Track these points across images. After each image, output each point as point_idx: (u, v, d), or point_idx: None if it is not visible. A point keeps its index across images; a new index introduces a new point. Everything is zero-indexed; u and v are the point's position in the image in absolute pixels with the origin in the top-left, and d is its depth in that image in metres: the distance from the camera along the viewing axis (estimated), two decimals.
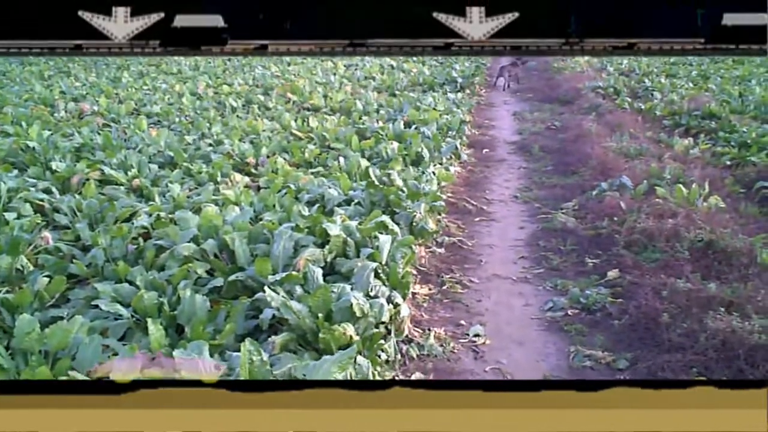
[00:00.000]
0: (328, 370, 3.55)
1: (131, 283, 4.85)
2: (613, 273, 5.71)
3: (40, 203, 6.65)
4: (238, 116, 12.07)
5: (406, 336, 4.72)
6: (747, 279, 5.27)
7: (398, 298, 4.76)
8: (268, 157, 8.82)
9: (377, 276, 4.90)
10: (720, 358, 4.26)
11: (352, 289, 4.49)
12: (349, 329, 4.07)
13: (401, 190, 6.95)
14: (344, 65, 20.05)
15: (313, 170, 8.30)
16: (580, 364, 4.45)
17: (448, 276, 5.88)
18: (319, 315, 4.15)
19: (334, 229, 5.32)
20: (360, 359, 3.91)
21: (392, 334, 4.57)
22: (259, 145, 9.35)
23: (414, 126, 10.73)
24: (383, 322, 4.45)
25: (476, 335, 4.89)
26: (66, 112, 12.25)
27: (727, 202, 7.03)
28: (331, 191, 6.85)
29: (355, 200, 6.71)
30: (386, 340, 4.44)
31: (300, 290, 4.54)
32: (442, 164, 9.01)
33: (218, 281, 4.90)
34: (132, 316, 4.44)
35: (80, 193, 7.04)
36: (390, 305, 4.57)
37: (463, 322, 5.09)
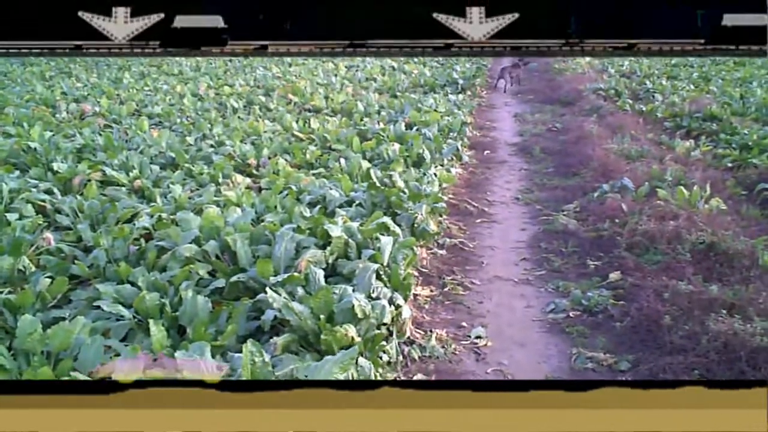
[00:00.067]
0: (330, 371, 3.55)
1: (133, 284, 4.85)
2: (614, 275, 5.71)
3: (42, 204, 6.65)
4: (240, 117, 12.08)
5: (408, 337, 4.72)
6: (749, 281, 5.26)
7: (400, 300, 4.77)
8: (270, 158, 8.82)
9: (379, 277, 4.90)
10: (722, 360, 4.25)
11: (353, 291, 4.49)
12: (351, 330, 4.07)
13: (402, 191, 6.95)
14: (345, 66, 20.05)
15: (315, 171, 8.30)
16: (582, 366, 4.45)
17: (449, 278, 5.88)
18: (321, 316, 4.15)
19: (335, 231, 5.32)
20: (362, 360, 3.92)
21: (394, 336, 4.57)
22: (260, 146, 9.36)
23: (415, 127, 10.73)
24: (385, 324, 4.45)
25: (478, 337, 4.89)
26: (67, 113, 12.26)
27: (728, 204, 7.03)
28: (332, 192, 6.85)
29: (356, 201, 6.70)
30: (388, 341, 4.44)
31: (302, 291, 4.55)
32: (443, 166, 9.02)
33: (220, 282, 4.90)
34: (134, 317, 4.44)
35: (82, 194, 7.05)
36: (391, 307, 4.57)
37: (464, 324, 5.09)
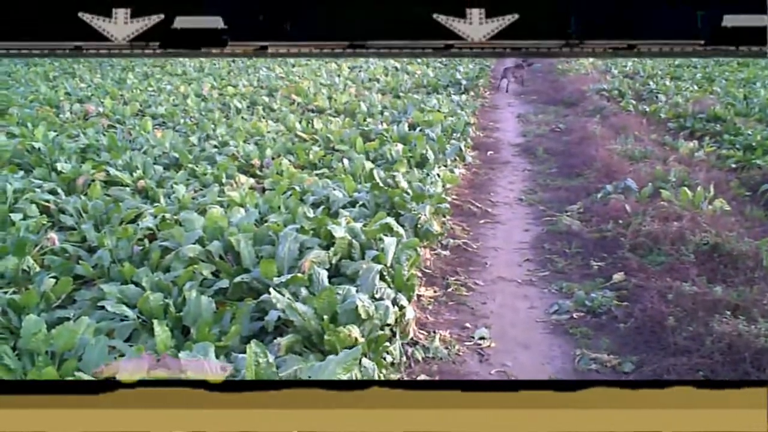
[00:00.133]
0: (333, 372, 3.55)
1: (137, 285, 4.85)
2: (618, 276, 5.71)
3: (46, 204, 6.66)
4: (243, 118, 12.08)
5: (412, 338, 4.72)
6: (753, 282, 5.26)
7: (403, 301, 4.76)
8: (273, 158, 8.83)
9: (382, 278, 4.89)
10: (726, 361, 4.25)
11: (357, 291, 4.49)
12: (355, 331, 4.07)
13: (406, 192, 6.94)
14: (348, 67, 20.06)
15: (318, 172, 8.30)
16: (586, 368, 4.45)
17: (453, 278, 5.88)
18: (325, 317, 4.15)
19: (339, 231, 5.32)
20: (365, 361, 3.92)
21: (397, 337, 4.57)
22: (263, 146, 9.36)
23: (418, 128, 10.72)
24: (388, 325, 4.45)
25: (481, 338, 4.89)
26: (71, 113, 12.27)
27: (732, 205, 7.01)
28: (336, 193, 6.85)
29: (359, 202, 6.70)
30: (391, 342, 4.44)
31: (305, 292, 4.54)
32: (446, 166, 9.01)
33: (224, 283, 4.91)
34: (138, 318, 4.45)
35: (86, 194, 7.06)
36: (395, 307, 4.57)
37: (468, 325, 5.09)
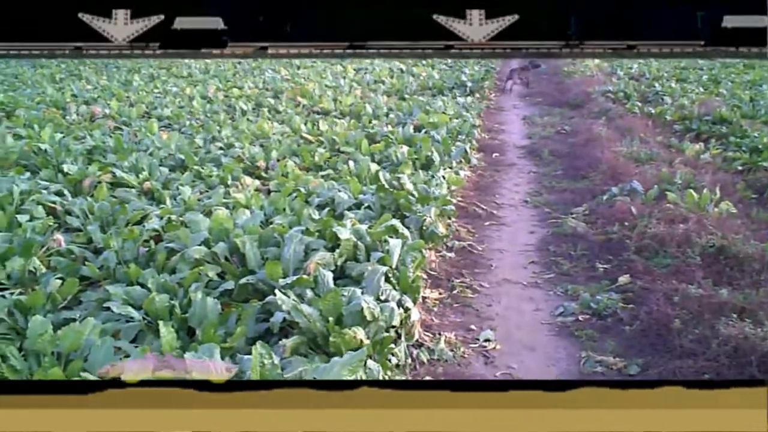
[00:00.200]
0: (338, 373, 3.55)
1: (143, 286, 4.86)
2: (624, 278, 5.69)
3: (53, 206, 6.68)
4: (249, 119, 12.11)
5: (417, 340, 4.72)
6: (759, 285, 5.23)
7: (408, 302, 4.76)
8: (279, 160, 8.85)
9: (387, 280, 4.90)
10: (732, 364, 4.23)
11: (362, 293, 4.49)
12: (360, 333, 4.07)
13: (411, 194, 6.94)
14: (354, 69, 20.07)
15: (324, 174, 8.30)
16: (591, 370, 4.44)
17: (458, 280, 5.87)
18: (330, 318, 4.15)
19: (344, 233, 5.32)
20: (370, 363, 3.92)
21: (402, 339, 4.56)
22: (269, 148, 9.38)
23: (424, 130, 10.74)
24: (394, 326, 4.45)
25: (486, 340, 4.88)
26: (78, 115, 12.33)
27: (738, 208, 6.99)
28: (341, 195, 6.85)
29: (365, 204, 6.71)
30: (397, 344, 4.44)
31: (310, 294, 4.55)
32: (451, 168, 9.01)
33: (229, 284, 4.92)
34: (143, 319, 4.46)
35: (92, 196, 7.08)
36: (400, 309, 4.57)
37: (473, 327, 5.08)
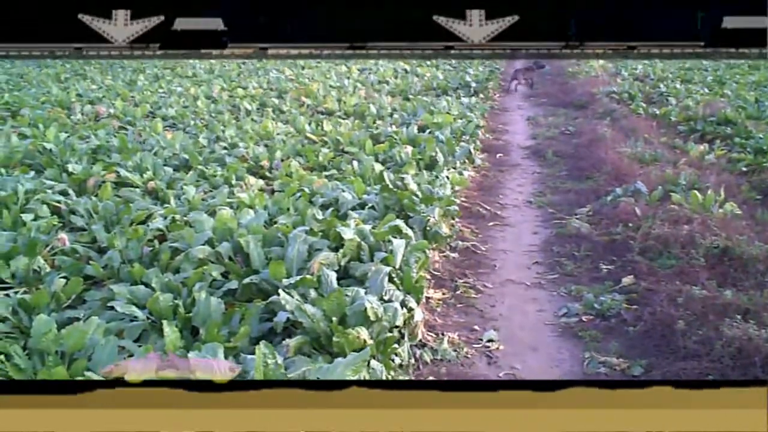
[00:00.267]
0: (342, 374, 3.55)
1: (147, 285, 4.87)
2: (627, 279, 5.68)
3: (57, 205, 6.70)
4: (253, 119, 12.12)
5: (420, 340, 4.72)
6: (763, 286, 5.22)
7: (412, 303, 4.76)
8: (283, 160, 8.86)
9: (391, 280, 4.89)
10: (736, 365, 4.22)
11: (366, 293, 4.49)
12: (363, 333, 4.07)
13: (415, 194, 6.94)
14: (358, 69, 20.09)
15: (327, 174, 8.32)
16: (595, 371, 4.43)
17: (461, 281, 5.87)
18: (333, 318, 4.15)
19: (348, 233, 5.33)
20: (374, 363, 3.92)
21: (406, 339, 4.57)
22: (273, 148, 9.39)
23: (428, 130, 10.73)
24: (397, 327, 4.45)
25: (490, 340, 4.88)
26: (82, 114, 12.35)
27: (743, 209, 6.97)
28: (345, 195, 6.85)
29: (369, 204, 6.70)
30: (400, 344, 4.44)
31: (314, 294, 4.55)
32: (455, 169, 9.00)
33: (233, 284, 4.92)
34: (147, 318, 4.47)
35: (96, 195, 7.09)
36: (404, 309, 4.57)
37: (476, 327, 5.08)
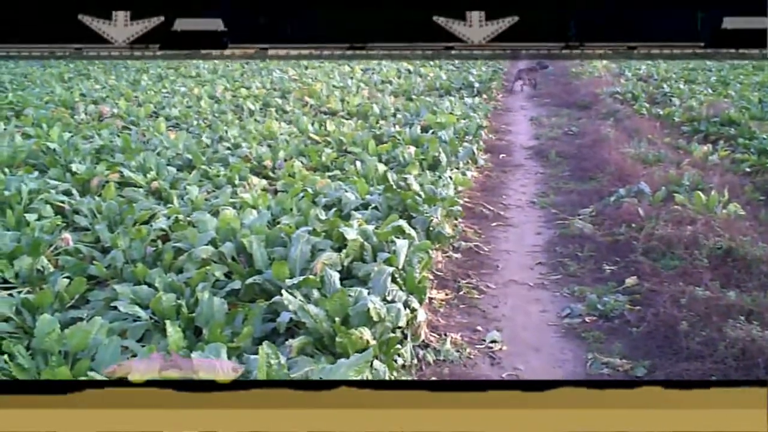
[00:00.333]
0: (345, 374, 3.55)
1: (150, 285, 4.88)
2: (630, 280, 5.68)
3: (61, 205, 6.71)
4: (256, 120, 12.13)
5: (423, 341, 4.72)
6: (767, 287, 5.21)
7: (415, 303, 4.76)
8: (286, 160, 8.86)
9: (394, 280, 4.89)
10: (739, 366, 4.22)
11: (369, 294, 4.49)
12: (366, 333, 4.07)
13: (418, 194, 6.94)
14: (361, 69, 20.09)
15: (331, 174, 8.31)
16: (598, 372, 4.43)
17: (464, 281, 5.87)
18: (336, 319, 4.15)
19: (351, 233, 5.33)
20: (376, 363, 3.92)
21: (409, 339, 4.56)
22: (276, 148, 9.39)
23: (431, 130, 10.72)
24: (400, 327, 4.44)
25: (493, 341, 4.87)
26: (86, 114, 12.37)
27: (746, 210, 6.96)
28: (348, 195, 6.85)
29: (372, 204, 6.70)
30: (403, 344, 4.44)
31: (317, 294, 4.55)
32: (458, 169, 9.00)
33: (236, 284, 4.93)
34: (150, 318, 4.48)
35: (100, 195, 7.10)
36: (407, 310, 4.56)
37: (479, 328, 5.08)
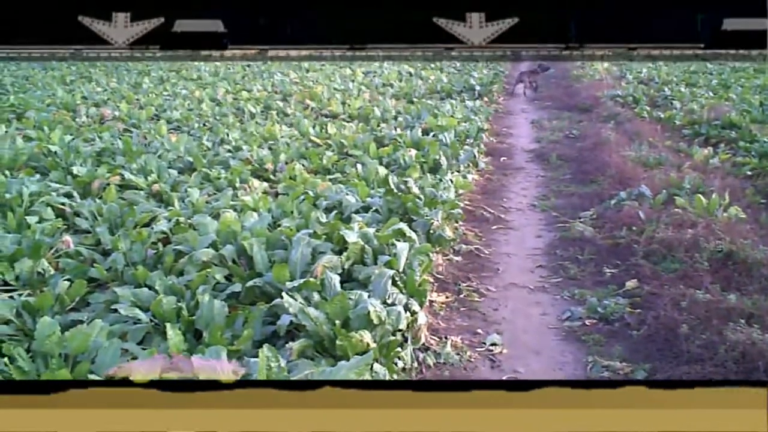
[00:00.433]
0: (345, 377, 3.56)
1: (150, 288, 4.88)
2: (631, 283, 5.68)
3: (62, 207, 6.72)
4: (257, 122, 12.14)
5: (423, 344, 4.71)
6: (767, 290, 5.21)
7: (415, 306, 4.76)
8: (287, 163, 8.86)
9: (394, 283, 4.90)
10: (740, 370, 4.21)
11: (369, 297, 4.49)
12: (366, 336, 4.07)
13: (419, 197, 6.94)
14: (362, 72, 20.10)
15: (331, 177, 8.31)
16: (598, 375, 4.43)
17: (465, 284, 5.87)
18: (337, 322, 4.16)
19: (351, 236, 5.33)
20: (377, 366, 3.92)
21: (409, 342, 4.56)
22: (277, 151, 9.39)
23: (432, 133, 10.72)
24: (400, 330, 4.45)
25: (493, 344, 4.87)
26: (87, 117, 12.39)
27: (747, 213, 6.95)
28: (348, 198, 6.85)
29: (372, 207, 6.70)
30: (403, 347, 4.44)
31: (317, 297, 4.55)
32: (459, 172, 8.99)
33: (236, 287, 4.93)
34: (151, 321, 4.48)
35: (101, 198, 7.11)
36: (407, 313, 4.57)
37: (480, 331, 5.08)
